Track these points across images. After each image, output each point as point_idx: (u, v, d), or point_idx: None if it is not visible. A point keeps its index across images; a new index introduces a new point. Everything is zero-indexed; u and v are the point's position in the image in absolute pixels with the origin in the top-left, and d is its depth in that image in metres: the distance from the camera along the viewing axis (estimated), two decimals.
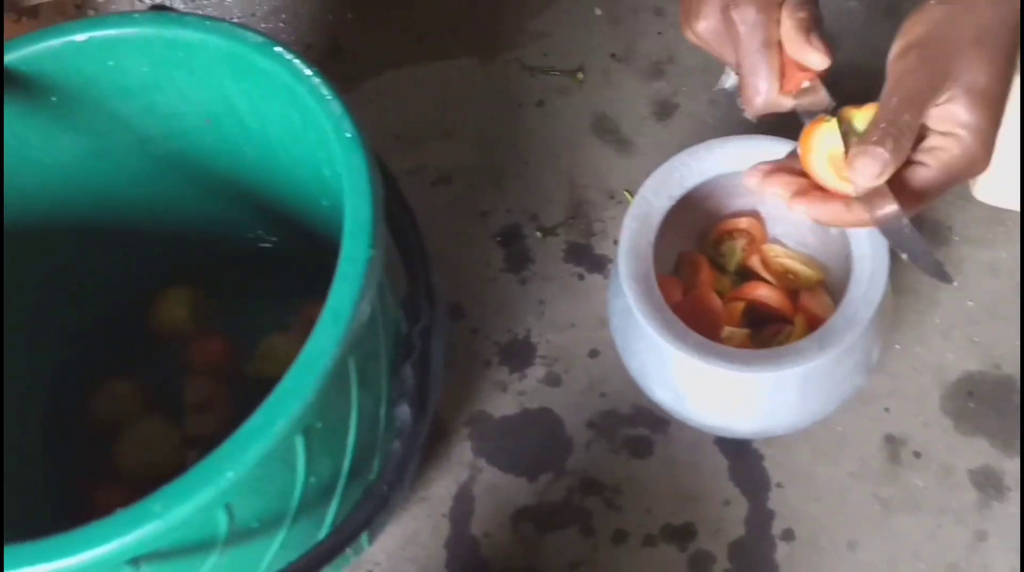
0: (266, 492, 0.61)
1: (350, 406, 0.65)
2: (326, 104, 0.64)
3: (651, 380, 0.79)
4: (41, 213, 0.76)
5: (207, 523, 0.58)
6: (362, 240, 0.59)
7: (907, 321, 0.91)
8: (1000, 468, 0.85)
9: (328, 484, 0.66)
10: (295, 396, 0.54)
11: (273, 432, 0.54)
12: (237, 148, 0.76)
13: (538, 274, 0.96)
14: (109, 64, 0.69)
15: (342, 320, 0.56)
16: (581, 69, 1.07)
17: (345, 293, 0.57)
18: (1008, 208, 0.95)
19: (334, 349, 0.56)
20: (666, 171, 0.80)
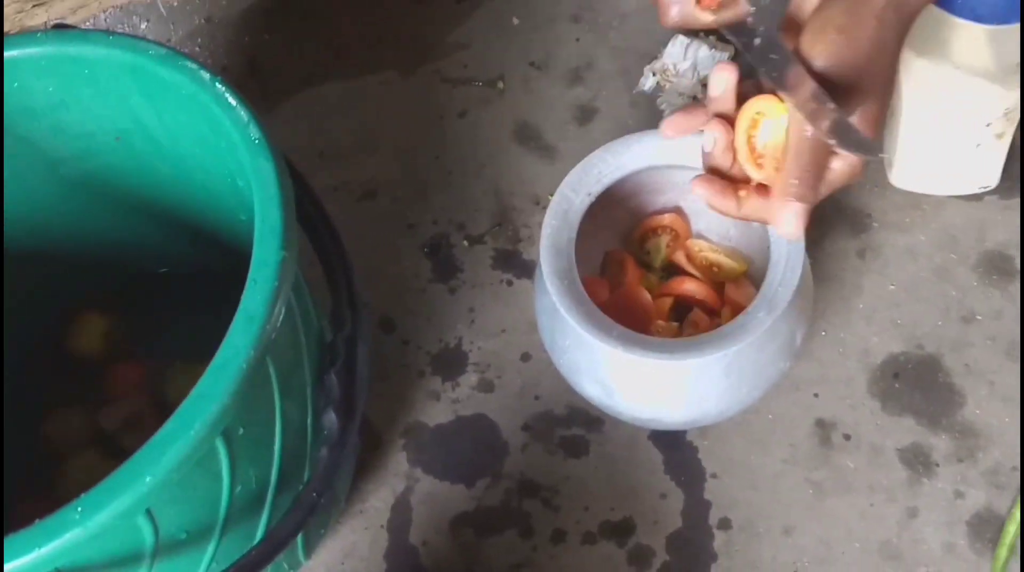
0: (191, 500, 0.60)
1: (273, 412, 0.64)
2: (231, 111, 0.63)
3: (580, 376, 0.79)
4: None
5: (131, 533, 0.57)
6: (272, 243, 0.58)
7: (831, 307, 0.91)
8: (928, 445, 0.86)
9: (257, 493, 0.65)
10: (211, 399, 0.54)
11: (190, 435, 0.53)
12: (151, 165, 0.75)
13: (467, 282, 0.95)
14: (14, 86, 0.68)
15: (256, 322, 0.56)
16: (501, 78, 1.07)
17: (258, 295, 0.56)
18: (923, 192, 0.96)
19: (248, 351, 0.55)
20: (584, 168, 0.80)
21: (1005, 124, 0.89)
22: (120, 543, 0.57)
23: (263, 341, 0.56)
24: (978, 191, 0.96)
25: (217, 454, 0.59)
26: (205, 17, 1.13)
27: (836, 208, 0.96)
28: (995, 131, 0.90)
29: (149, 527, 0.57)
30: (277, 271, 0.57)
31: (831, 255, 0.94)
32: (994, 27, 0.78)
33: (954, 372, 0.89)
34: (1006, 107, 0.87)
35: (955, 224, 0.95)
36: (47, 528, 0.51)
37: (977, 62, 0.82)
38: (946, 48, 0.82)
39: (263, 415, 0.63)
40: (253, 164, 0.61)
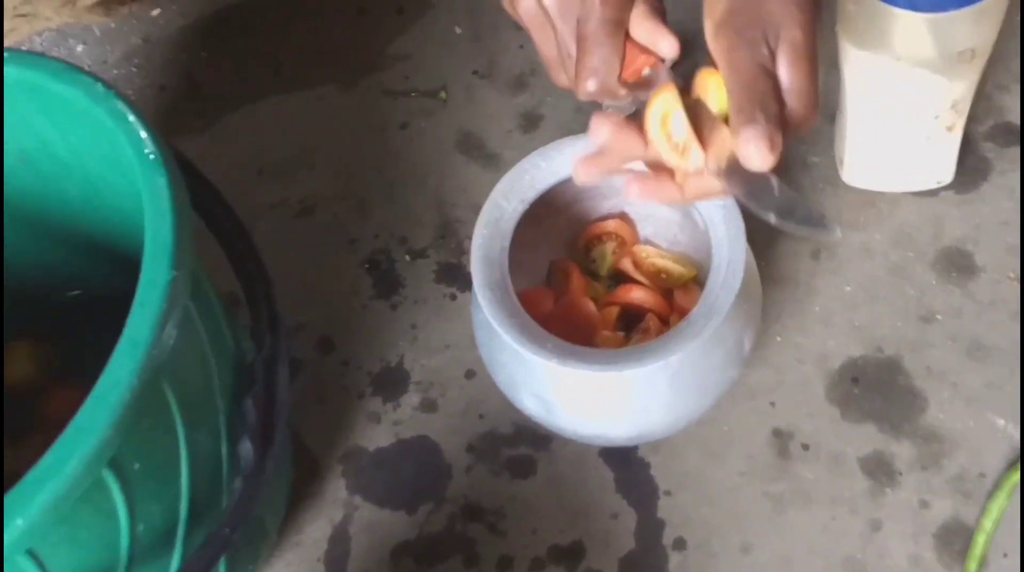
0: (83, 541, 0.55)
1: (177, 443, 0.59)
2: (126, 125, 0.58)
3: (519, 392, 0.74)
4: None
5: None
6: (162, 262, 0.53)
7: (786, 311, 0.87)
8: (890, 452, 0.81)
9: (164, 531, 0.60)
10: (89, 431, 0.49)
11: (65, 473, 0.48)
12: (59, 187, 0.70)
13: (409, 298, 0.91)
14: None
15: (140, 348, 0.51)
16: (444, 88, 1.03)
17: (143, 319, 0.51)
18: (877, 190, 0.92)
19: (131, 378, 0.50)
20: (517, 174, 0.76)
21: (954, 116, 0.85)
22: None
23: (149, 367, 0.51)
24: (933, 187, 0.92)
25: (108, 490, 0.54)
26: (142, 37, 1.09)
27: None
28: (944, 123, 0.85)
29: (35, 570, 0.52)
30: (166, 292, 0.52)
31: (783, 256, 0.90)
32: (933, 15, 0.74)
33: (915, 374, 0.84)
34: (952, 98, 0.83)
35: (910, 221, 0.91)
36: None
37: (918, 52, 0.78)
38: (885, 39, 0.78)
39: (164, 446, 0.58)
40: (146, 180, 0.56)
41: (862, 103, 0.86)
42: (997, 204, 0.91)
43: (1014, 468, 0.79)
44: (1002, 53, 0.93)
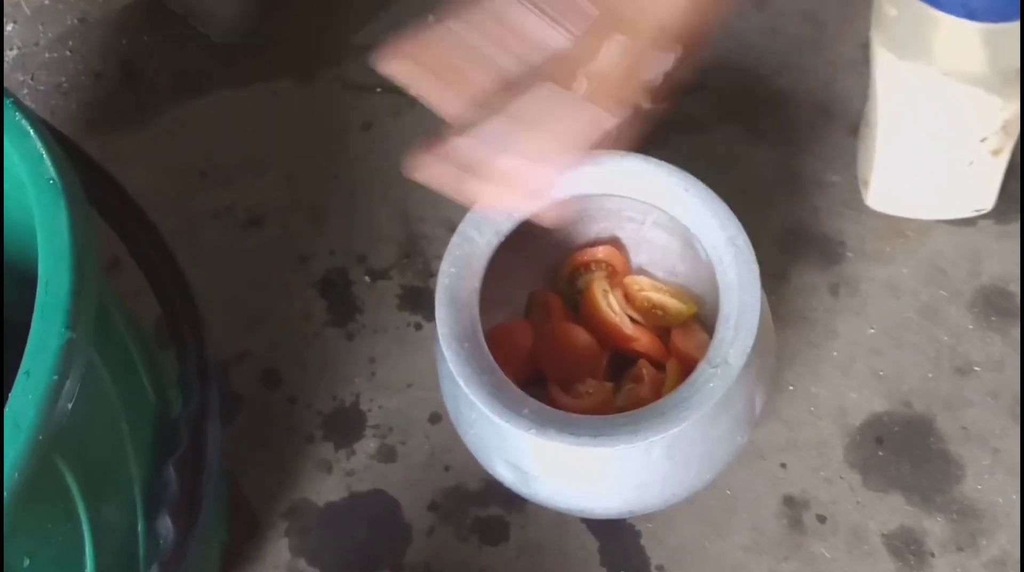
0: None
1: (78, 529, 0.51)
2: (24, 140, 0.50)
3: (491, 457, 0.66)
4: None
5: None
6: (56, 319, 0.45)
7: (800, 356, 0.80)
8: (920, 529, 0.74)
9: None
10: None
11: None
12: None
13: (367, 326, 0.83)
14: None
15: (24, 432, 0.43)
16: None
17: (30, 395, 0.43)
18: (905, 216, 0.84)
19: (13, 473, 0.42)
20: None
21: (1003, 139, 0.78)
22: None
23: (37, 453, 0.43)
24: (971, 215, 0.85)
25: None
26: (79, 17, 1.02)
27: (803, 234, 0.84)
28: (991, 147, 0.78)
29: None
30: (58, 359, 0.44)
31: (798, 291, 0.82)
32: (990, 25, 0.66)
33: (949, 437, 0.77)
34: (1004, 119, 0.75)
35: (944, 254, 0.84)
36: None
37: (970, 66, 0.70)
38: (931, 50, 0.70)
39: (62, 535, 0.50)
40: (41, 210, 0.48)
41: (897, 120, 0.78)
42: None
43: None
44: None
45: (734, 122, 0.91)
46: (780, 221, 0.85)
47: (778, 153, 0.90)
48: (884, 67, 0.75)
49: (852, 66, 0.94)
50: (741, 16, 0.97)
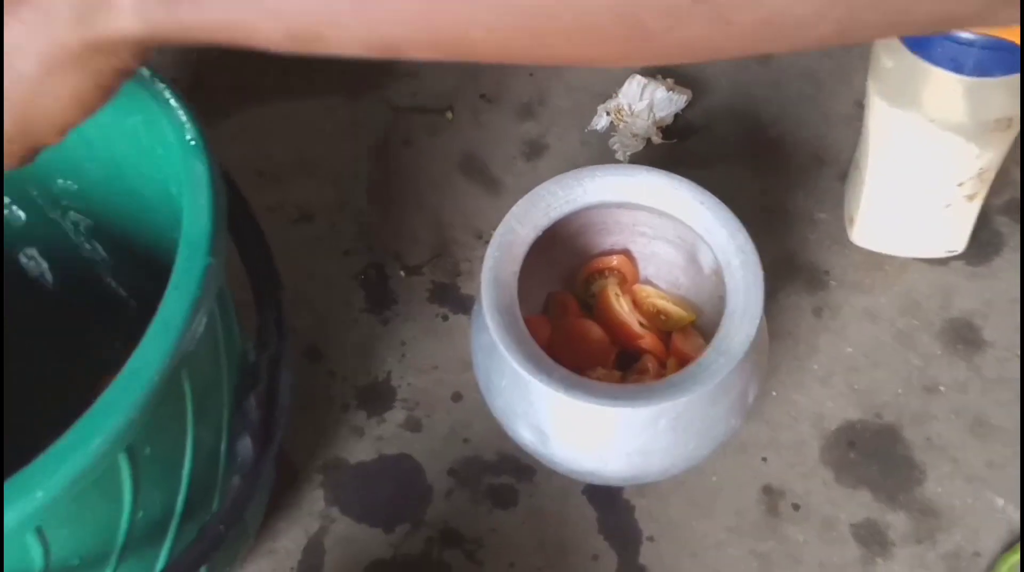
0: (87, 523, 0.59)
1: (185, 433, 0.63)
2: (169, 109, 0.63)
3: (516, 421, 0.79)
4: None
5: (19, 552, 0.55)
6: (200, 248, 0.58)
7: (784, 367, 0.93)
8: (884, 522, 0.86)
9: (160, 521, 0.64)
10: (117, 410, 0.53)
11: (90, 449, 0.52)
12: (80, 166, 0.74)
13: (401, 315, 0.95)
14: None
15: (173, 331, 0.55)
16: (451, 108, 1.09)
17: (178, 302, 0.56)
18: (885, 253, 0.98)
19: (163, 361, 0.54)
20: (532, 199, 0.81)
21: (978, 185, 0.91)
22: (7, 563, 0.56)
23: (179, 352, 0.56)
24: (944, 255, 0.98)
25: (119, 473, 0.58)
26: None
27: (792, 262, 0.98)
28: (966, 192, 0.92)
29: (39, 549, 0.56)
30: (202, 278, 0.57)
31: (785, 309, 0.96)
32: (974, 79, 0.80)
33: (914, 445, 0.90)
34: (980, 167, 0.89)
35: (919, 289, 0.97)
36: None
37: (953, 116, 0.84)
38: (922, 99, 0.84)
39: (173, 435, 0.62)
40: (186, 166, 0.61)
41: (884, 162, 0.92)
42: (1009, 280, 0.98)
43: (1011, 551, 0.84)
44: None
45: (735, 161, 1.05)
46: (772, 250, 0.98)
47: (774, 191, 1.03)
48: (877, 113, 0.89)
49: (844, 120, 1.08)
50: (747, 70, 1.11)
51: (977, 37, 0.79)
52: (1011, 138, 0.88)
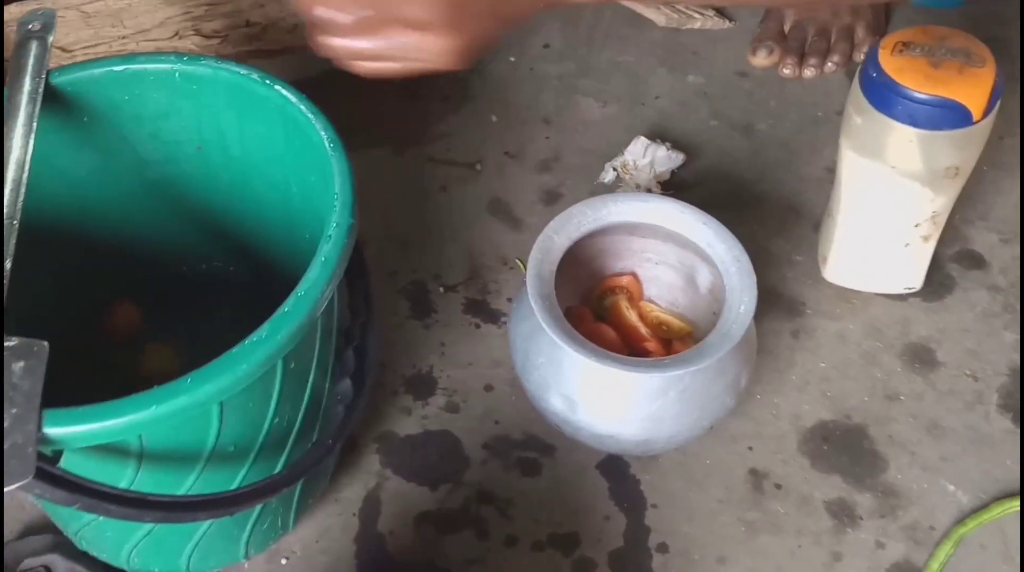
0: (246, 414, 0.81)
1: (312, 362, 0.85)
2: (317, 116, 0.89)
3: (548, 392, 1.01)
4: (52, 215, 0.96)
5: (203, 423, 0.76)
6: (346, 211, 0.82)
7: (766, 377, 1.15)
8: (852, 500, 1.08)
9: (285, 431, 0.86)
10: (293, 317, 0.75)
11: (276, 340, 0.74)
12: (218, 176, 0.99)
13: (440, 322, 1.18)
14: (134, 92, 0.93)
15: (329, 266, 0.77)
16: (479, 162, 1.33)
17: (334, 249, 0.78)
18: (853, 288, 1.21)
19: (324, 286, 0.77)
20: (567, 216, 1.04)
21: (931, 227, 1.15)
22: (193, 430, 0.77)
23: (332, 284, 0.77)
24: (903, 292, 1.22)
25: (275, 378, 0.80)
26: None
27: (773, 294, 1.22)
28: (922, 233, 1.16)
29: (216, 423, 0.77)
30: (347, 232, 0.80)
31: (767, 332, 1.18)
32: (927, 132, 1.04)
33: (878, 441, 1.12)
34: (933, 210, 1.13)
35: (881, 318, 1.21)
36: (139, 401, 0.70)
37: (911, 164, 1.08)
38: (885, 150, 1.08)
39: (306, 361, 0.84)
40: (334, 157, 0.85)
41: (854, 206, 1.16)
42: (959, 314, 1.22)
43: (960, 524, 1.06)
44: (971, 194, 1.28)
45: (724, 212, 1.26)
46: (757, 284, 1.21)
47: (757, 237, 1.27)
48: (847, 163, 1.14)
49: (816, 182, 1.33)
50: (732, 139, 1.37)
51: (930, 97, 1.04)
52: (959, 185, 1.12)
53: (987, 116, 1.06)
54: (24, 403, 0.70)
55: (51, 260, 0.96)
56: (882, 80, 1.05)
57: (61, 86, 0.91)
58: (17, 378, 0.71)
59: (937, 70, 1.04)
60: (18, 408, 0.70)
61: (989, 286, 1.26)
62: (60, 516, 0.94)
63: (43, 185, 0.88)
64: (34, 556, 0.97)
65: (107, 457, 0.76)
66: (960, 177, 1.12)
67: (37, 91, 0.88)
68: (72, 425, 0.70)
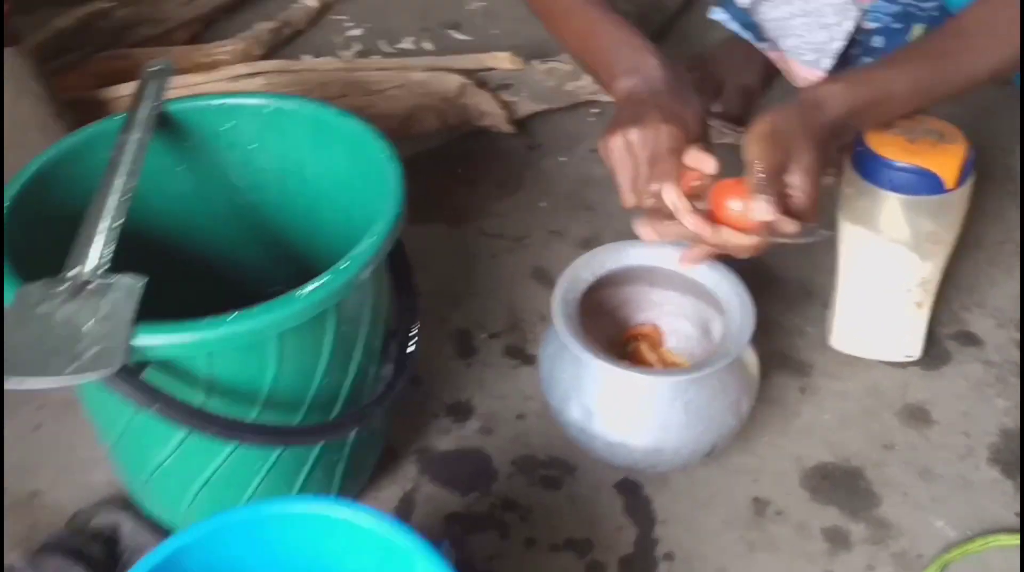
0: (301, 361, 0.95)
1: (357, 338, 1.00)
2: (384, 143, 1.05)
3: (569, 403, 1.13)
4: (151, 225, 1.12)
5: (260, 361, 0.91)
6: (395, 203, 0.98)
7: (773, 423, 1.27)
8: (847, 529, 1.18)
9: (333, 392, 1.00)
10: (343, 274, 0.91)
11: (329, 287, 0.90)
12: (293, 201, 1.16)
13: (481, 362, 1.32)
14: (231, 124, 1.12)
15: (379, 236, 0.94)
16: (527, 237, 1.49)
17: (381, 228, 0.95)
18: (857, 355, 1.33)
19: (371, 253, 0.92)
20: (590, 256, 1.20)
21: (922, 294, 1.28)
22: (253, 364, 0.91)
23: (378, 255, 0.93)
24: (903, 359, 1.33)
25: (325, 327, 0.94)
26: None
27: (785, 358, 1.35)
28: (915, 299, 1.28)
29: (274, 363, 0.92)
30: (396, 217, 0.97)
31: (775, 386, 1.30)
32: (907, 197, 1.18)
33: (874, 482, 1.23)
34: (922, 276, 1.26)
35: (882, 382, 1.33)
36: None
37: (897, 231, 1.22)
38: (873, 217, 1.22)
39: (353, 328, 0.99)
40: (389, 165, 1.03)
41: (851, 273, 1.29)
42: (954, 383, 1.34)
43: (946, 552, 1.15)
44: (971, 286, 1.43)
45: None
46: (770, 348, 1.35)
47: (772, 312, 1.41)
48: (844, 233, 1.27)
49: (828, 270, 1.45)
50: None
51: (907, 166, 1.18)
52: (943, 253, 1.25)
53: (960, 186, 1.19)
54: (119, 318, 0.85)
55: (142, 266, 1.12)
56: (867, 154, 1.20)
57: (172, 113, 1.10)
58: (118, 299, 0.86)
59: (913, 145, 1.19)
60: (112, 322, 0.85)
61: (984, 361, 1.37)
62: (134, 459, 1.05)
63: (147, 198, 1.05)
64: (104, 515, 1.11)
65: (180, 378, 0.90)
66: (942, 245, 1.25)
67: (152, 116, 1.06)
68: (156, 335, 0.85)
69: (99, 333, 0.84)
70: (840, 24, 1.42)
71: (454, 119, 1.61)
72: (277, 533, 0.87)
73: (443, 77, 1.60)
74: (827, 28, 1.43)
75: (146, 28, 1.73)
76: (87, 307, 0.86)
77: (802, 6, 1.43)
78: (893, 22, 1.43)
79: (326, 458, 1.04)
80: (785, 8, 1.44)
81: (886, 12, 1.42)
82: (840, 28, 1.42)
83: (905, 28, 1.43)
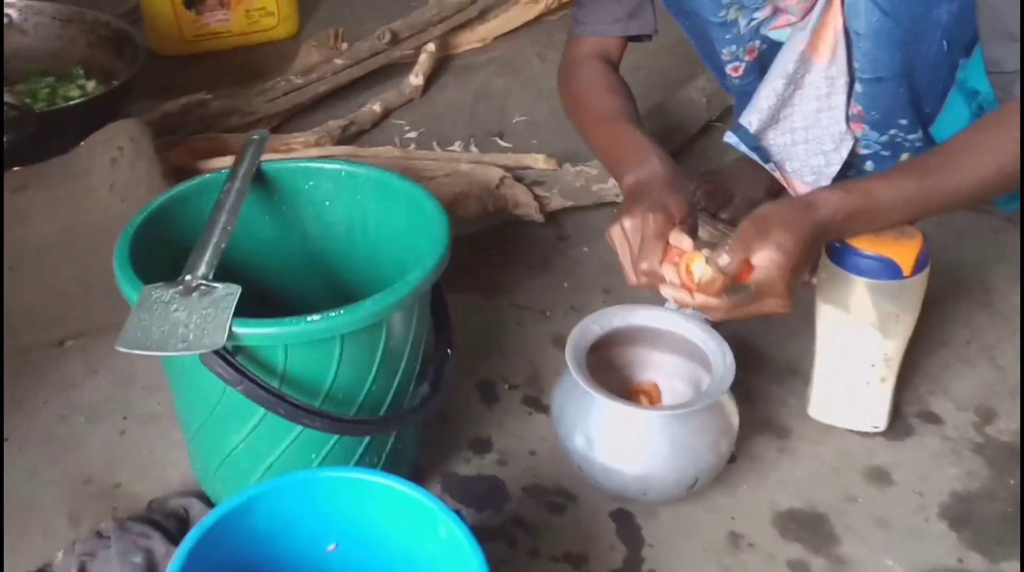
0: (357, 364, 1.17)
1: (401, 358, 1.22)
2: (431, 199, 1.29)
3: (574, 432, 1.35)
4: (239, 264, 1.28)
5: (324, 358, 1.13)
6: (440, 246, 1.20)
7: (751, 475, 1.48)
8: (808, 562, 1.37)
9: (379, 400, 1.22)
10: (396, 293, 1.13)
11: (386, 301, 1.12)
12: (354, 250, 1.40)
13: (501, 407, 1.55)
14: (312, 182, 1.37)
15: (426, 271, 1.17)
16: (549, 310, 1.72)
17: (429, 262, 1.18)
18: (831, 424, 1.54)
19: (419, 280, 1.15)
20: (602, 313, 1.43)
21: (886, 370, 1.49)
22: (320, 360, 1.13)
23: (426, 282, 1.16)
24: (870, 430, 1.54)
25: (380, 339, 1.16)
26: None
27: (765, 423, 1.55)
28: (880, 374, 1.49)
29: (336, 360, 1.13)
30: (442, 256, 1.20)
31: (758, 445, 1.51)
32: (870, 281, 1.40)
33: (836, 526, 1.42)
34: (885, 352, 1.47)
35: (851, 447, 1.53)
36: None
37: (862, 310, 1.43)
38: (842, 298, 1.44)
39: (400, 344, 1.21)
40: (438, 218, 1.26)
41: (826, 350, 1.51)
42: (914, 452, 1.53)
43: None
44: (938, 376, 1.63)
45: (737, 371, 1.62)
46: (756, 415, 1.56)
47: (759, 385, 1.62)
48: (819, 312, 1.49)
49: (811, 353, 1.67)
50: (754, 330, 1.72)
51: (874, 254, 1.39)
52: (904, 333, 1.46)
53: (916, 274, 1.40)
54: (219, 312, 1.08)
55: None
56: (840, 245, 1.42)
57: (266, 170, 1.35)
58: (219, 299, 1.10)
59: (878, 237, 1.40)
60: (214, 315, 1.08)
61: (942, 436, 1.57)
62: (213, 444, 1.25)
63: (239, 241, 1.29)
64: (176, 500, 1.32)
65: (261, 366, 1.13)
66: (903, 325, 1.45)
67: (250, 171, 1.31)
68: (247, 328, 1.08)
69: (203, 322, 1.07)
70: (837, 150, 1.66)
71: (493, 207, 1.85)
72: (328, 494, 1.09)
73: (486, 170, 1.86)
74: (825, 154, 1.67)
75: (235, 118, 2.02)
76: (196, 304, 1.10)
77: (803, 134, 1.68)
78: (882, 150, 1.67)
79: (367, 459, 1.26)
80: (789, 136, 1.68)
81: (875, 141, 1.65)
82: (836, 154, 1.66)
83: (893, 156, 1.67)
